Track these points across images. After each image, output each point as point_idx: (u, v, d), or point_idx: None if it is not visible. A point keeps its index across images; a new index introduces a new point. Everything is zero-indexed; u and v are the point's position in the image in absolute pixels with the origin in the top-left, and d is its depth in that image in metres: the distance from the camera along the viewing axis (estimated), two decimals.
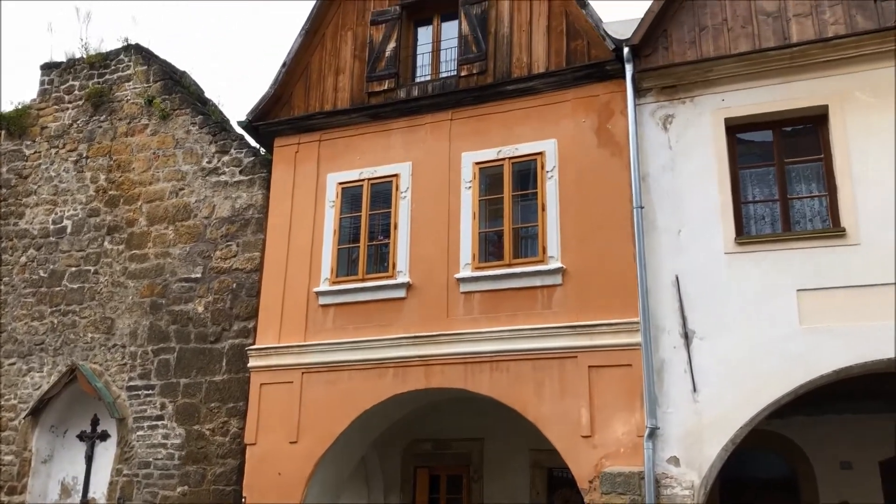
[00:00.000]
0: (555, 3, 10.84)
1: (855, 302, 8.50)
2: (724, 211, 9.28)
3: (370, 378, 10.24)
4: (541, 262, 9.92)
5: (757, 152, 9.88)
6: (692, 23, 10.04)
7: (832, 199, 9.06)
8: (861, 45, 9.17)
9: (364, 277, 10.71)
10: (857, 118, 9.04)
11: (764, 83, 9.55)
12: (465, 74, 11.01)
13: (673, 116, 9.87)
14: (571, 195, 10.01)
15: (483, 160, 10.58)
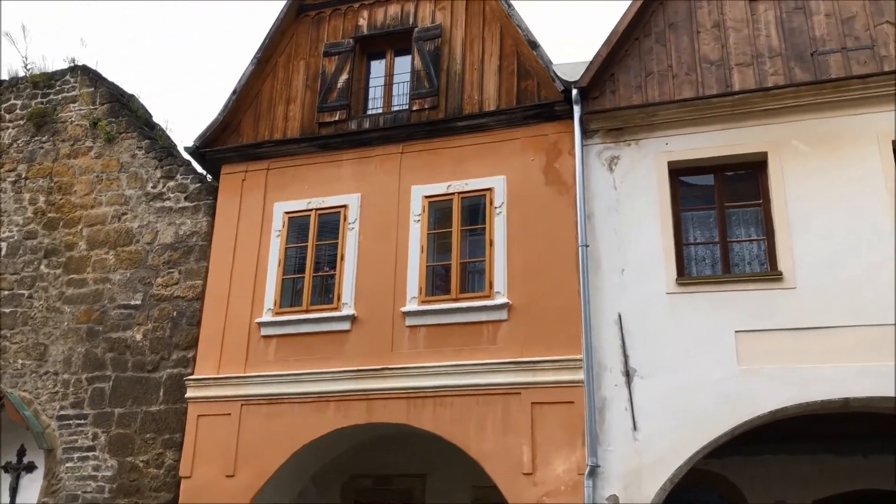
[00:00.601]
0: (507, 44, 11.04)
1: (791, 344, 8.70)
2: (667, 252, 9.45)
3: (311, 411, 10.07)
4: (487, 297, 9.95)
5: (699, 195, 10.13)
6: (639, 68, 10.31)
7: (770, 243, 9.31)
8: (799, 96, 9.52)
9: (308, 309, 10.59)
10: (794, 166, 9.34)
11: (706, 129, 9.82)
12: (417, 109, 11.09)
13: (618, 158, 10.07)
14: (519, 231, 10.10)
15: (433, 194, 10.62)
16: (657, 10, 10.54)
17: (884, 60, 9.35)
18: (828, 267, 8.84)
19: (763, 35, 9.98)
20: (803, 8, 9.95)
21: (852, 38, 9.59)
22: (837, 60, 9.53)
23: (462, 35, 11.36)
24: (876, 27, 9.56)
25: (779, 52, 9.81)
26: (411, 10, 11.76)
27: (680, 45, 10.28)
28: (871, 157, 9.09)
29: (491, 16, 11.31)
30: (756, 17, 10.11)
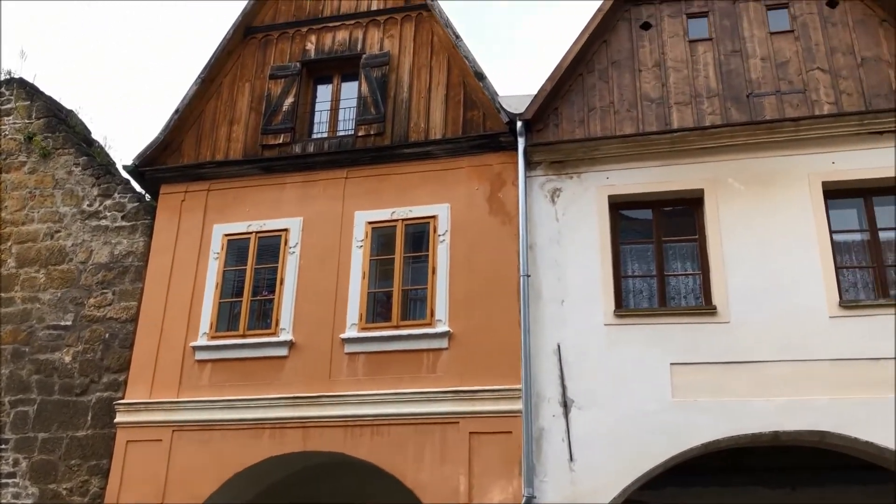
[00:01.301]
0: (454, 74, 11.14)
1: (723, 378, 8.88)
2: (605, 284, 9.58)
3: (245, 439, 9.85)
4: (428, 325, 9.92)
5: (638, 229, 10.32)
6: (582, 103, 10.51)
7: (705, 277, 9.52)
8: (735, 136, 9.81)
9: (245, 333, 10.40)
10: (729, 203, 9.60)
11: (646, 164, 10.05)
12: (363, 134, 11.08)
13: (561, 190, 10.21)
14: (462, 260, 10.12)
15: (376, 220, 10.59)
16: (600, 47, 10.79)
17: (815, 105, 9.73)
18: (760, 302, 9.07)
19: (702, 76, 10.29)
20: (740, 51, 10.30)
21: (786, 83, 9.96)
22: (772, 103, 9.87)
23: (410, 63, 11.43)
24: (808, 72, 9.95)
25: (716, 92, 10.12)
26: (360, 37, 11.81)
27: (622, 82, 10.52)
28: (802, 197, 9.41)
29: (439, 46, 11.42)
30: (695, 58, 10.43)
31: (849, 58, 9.92)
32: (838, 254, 9.32)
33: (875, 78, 9.71)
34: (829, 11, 10.27)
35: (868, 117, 9.44)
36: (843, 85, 9.77)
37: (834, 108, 9.66)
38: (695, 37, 10.59)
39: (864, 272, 9.34)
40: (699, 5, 10.76)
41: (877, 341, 8.68)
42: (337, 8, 12.15)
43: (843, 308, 8.88)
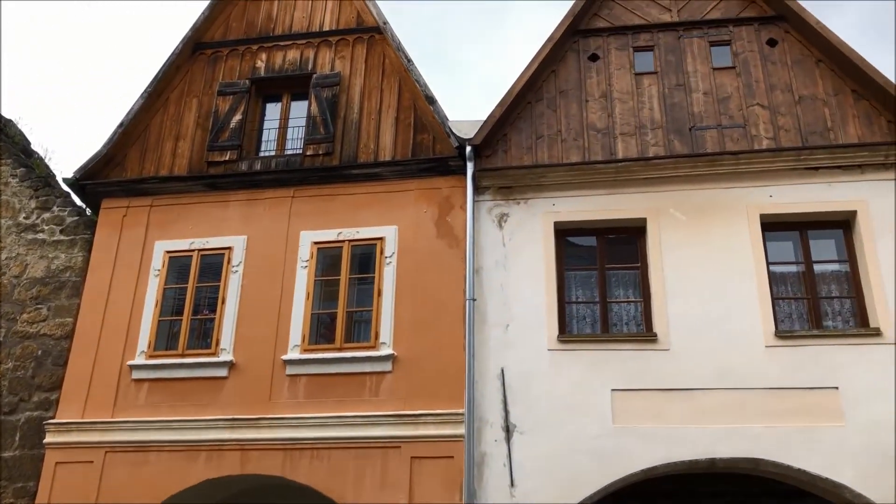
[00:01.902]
0: (405, 97, 11.19)
1: (663, 404, 9.00)
2: (550, 309, 9.66)
3: (180, 461, 9.59)
4: (372, 347, 9.85)
5: (582, 256, 10.45)
6: (530, 131, 10.65)
7: (646, 305, 9.68)
8: (677, 167, 10.04)
9: (184, 353, 10.18)
10: (670, 232, 9.80)
11: (591, 193, 10.20)
12: (311, 154, 11.02)
13: (508, 215, 10.29)
14: (408, 282, 10.10)
15: (322, 240, 10.51)
16: (549, 77, 10.97)
17: (754, 139, 10.02)
18: (699, 331, 9.24)
19: (646, 108, 10.52)
20: (684, 85, 10.57)
21: (727, 117, 10.25)
22: (713, 136, 10.14)
23: (361, 85, 11.44)
24: (748, 108, 10.25)
25: (660, 124, 10.36)
26: (311, 57, 11.79)
27: (569, 111, 10.70)
28: (741, 229, 9.65)
29: (391, 69, 11.46)
30: (641, 90, 10.67)
31: (787, 95, 10.26)
32: (775, 285, 9.57)
33: (811, 115, 10.06)
34: (769, 50, 10.63)
35: (804, 153, 9.76)
36: (781, 121, 10.09)
37: (772, 143, 9.96)
38: (640, 70, 10.84)
39: (798, 303, 9.60)
40: (645, 39, 11.03)
41: (810, 371, 8.91)
42: (289, 27, 12.13)
43: (778, 338, 9.10)
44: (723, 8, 11.02)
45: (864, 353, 8.90)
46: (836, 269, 9.73)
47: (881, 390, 8.69)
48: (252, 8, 12.42)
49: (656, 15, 11.16)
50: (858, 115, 9.96)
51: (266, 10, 12.36)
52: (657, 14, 11.16)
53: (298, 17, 12.19)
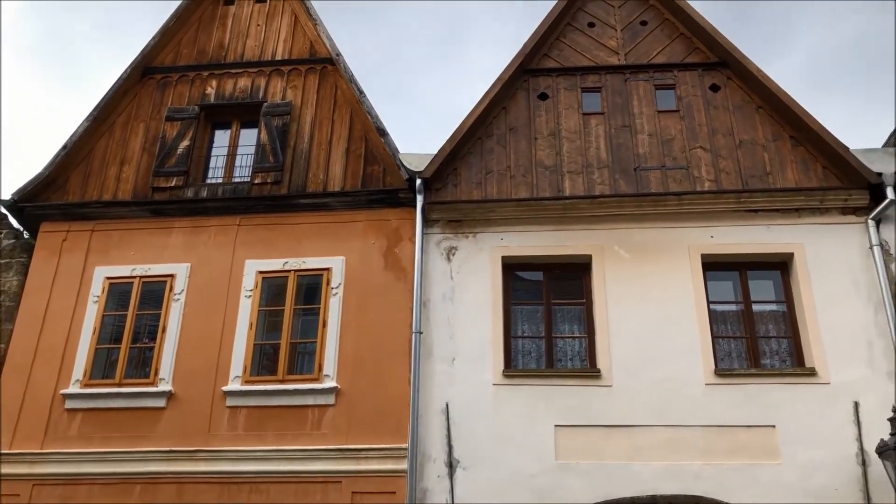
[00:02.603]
0: (356, 129, 11.21)
1: (605, 441, 9.05)
2: (496, 343, 9.68)
3: (113, 494, 9.26)
4: (315, 380, 9.71)
5: (529, 290, 10.52)
6: (480, 165, 10.75)
7: (590, 341, 9.76)
8: (622, 206, 10.22)
9: (121, 382, 9.90)
10: (614, 269, 9.94)
11: (539, 228, 10.31)
12: (259, 182, 10.94)
13: (456, 249, 10.33)
14: (354, 314, 10.02)
15: (268, 270, 10.39)
16: (499, 114, 11.12)
17: (696, 181, 10.28)
18: (641, 367, 9.35)
19: (593, 147, 10.73)
20: (630, 126, 10.82)
21: (670, 158, 10.50)
22: (657, 177, 10.37)
23: (312, 115, 11.43)
24: (691, 150, 10.53)
25: (606, 163, 10.56)
26: (262, 85, 11.75)
27: (519, 148, 10.84)
28: (683, 268, 9.84)
29: (342, 100, 11.49)
30: (588, 130, 10.88)
31: (728, 139, 10.57)
32: (715, 323, 9.75)
33: (751, 159, 10.37)
34: (711, 95, 10.96)
35: (744, 196, 10.04)
36: (722, 164, 10.38)
37: (714, 185, 10.23)
38: (588, 110, 11.06)
39: (738, 342, 9.79)
40: (593, 81, 11.28)
41: (748, 409, 9.07)
42: (240, 55, 12.10)
43: (718, 376, 9.26)
44: (668, 53, 11.35)
45: (801, 392, 9.11)
46: (774, 309, 9.97)
47: (816, 429, 8.88)
48: (204, 35, 12.38)
49: (604, 57, 11.43)
50: (796, 160, 10.30)
51: (218, 37, 12.33)
52: (605, 56, 11.44)
53: (251, 45, 12.18)
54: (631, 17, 11.74)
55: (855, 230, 9.83)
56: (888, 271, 9.50)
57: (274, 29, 12.28)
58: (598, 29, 11.70)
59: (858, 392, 9.00)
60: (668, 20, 11.57)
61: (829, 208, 9.97)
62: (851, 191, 9.91)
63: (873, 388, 9.00)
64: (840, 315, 9.38)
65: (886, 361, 9.11)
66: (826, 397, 9.03)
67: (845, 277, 9.59)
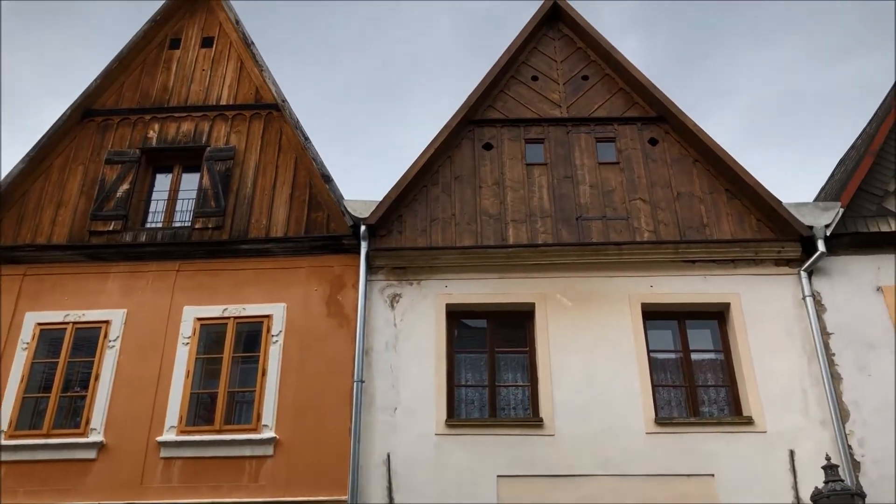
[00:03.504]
0: (300, 174, 11.18)
1: (547, 491, 8.99)
2: (439, 392, 9.61)
3: None
4: (254, 430, 9.48)
5: (473, 338, 10.51)
6: (425, 213, 10.80)
7: (533, 390, 9.77)
8: (564, 255, 10.35)
9: (49, 433, 9.50)
10: (557, 318, 10.01)
11: (483, 276, 10.36)
12: (200, 227, 10.79)
13: (400, 296, 10.29)
14: (295, 363, 9.86)
15: (206, 316, 10.18)
16: (445, 162, 11.23)
17: (636, 231, 10.49)
18: (583, 417, 9.38)
19: (537, 197, 10.89)
20: (572, 177, 11.02)
21: (611, 209, 10.71)
22: (598, 227, 10.55)
23: (256, 160, 11.38)
24: (631, 202, 10.76)
25: (549, 213, 10.71)
26: (206, 129, 11.67)
27: (464, 196, 10.94)
28: (624, 317, 9.97)
29: (287, 145, 11.47)
30: (532, 180, 11.05)
31: (666, 191, 10.85)
32: (655, 372, 9.87)
33: (688, 211, 10.65)
34: (650, 148, 11.27)
35: (682, 246, 10.28)
36: (661, 215, 10.63)
37: (653, 235, 10.46)
38: (532, 161, 11.25)
39: (677, 391, 9.91)
40: (537, 132, 11.50)
41: (688, 458, 9.14)
42: (185, 99, 12.02)
43: (658, 425, 9.34)
44: (608, 107, 11.66)
45: (738, 440, 9.23)
46: (711, 357, 10.15)
47: (754, 478, 8.98)
48: (147, 78, 12.29)
49: (547, 110, 11.69)
50: (731, 213, 10.61)
51: (162, 81, 12.25)
52: (548, 109, 11.70)
53: (195, 90, 12.12)
54: (573, 72, 12.05)
55: (788, 281, 10.13)
56: (820, 322, 9.78)
57: (219, 74, 12.26)
58: (542, 82, 11.98)
59: (794, 440, 9.17)
60: (609, 75, 11.91)
61: (764, 260, 10.25)
62: (784, 243, 10.22)
63: (808, 437, 9.18)
64: (775, 364, 9.60)
65: (820, 410, 9.32)
66: (763, 446, 9.17)
67: (780, 327, 9.83)
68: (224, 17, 12.74)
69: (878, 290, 9.94)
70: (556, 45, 12.38)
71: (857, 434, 9.14)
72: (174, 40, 12.73)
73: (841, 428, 9.11)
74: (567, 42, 12.37)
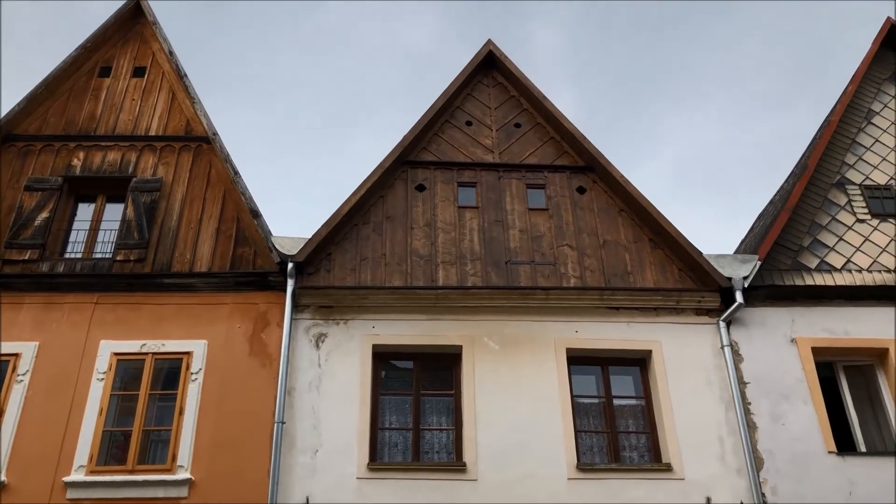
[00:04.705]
0: (228, 209, 11.01)
1: None
2: (361, 435, 9.46)
3: None
4: (168, 470, 9.14)
5: (399, 380, 10.42)
6: (355, 252, 10.74)
7: (458, 434, 9.70)
8: (493, 298, 10.41)
9: None
10: (483, 361, 10.02)
11: (411, 317, 10.32)
12: (122, 259, 10.48)
13: (326, 336, 10.15)
14: (214, 401, 9.58)
15: (123, 351, 9.85)
16: (377, 202, 11.23)
17: (563, 277, 10.64)
18: (506, 461, 9.35)
19: (467, 239, 10.96)
20: (502, 222, 11.15)
21: (539, 254, 10.85)
22: (526, 271, 10.67)
23: (183, 192, 11.17)
24: (558, 248, 10.93)
25: (479, 256, 10.79)
26: (132, 160, 11.43)
27: (395, 237, 10.93)
28: (549, 361, 10.05)
29: (216, 179, 11.30)
30: (463, 223, 11.13)
31: (593, 238, 11.06)
32: (578, 417, 9.94)
33: (614, 259, 10.87)
34: (578, 197, 11.50)
35: (606, 293, 10.46)
36: (587, 262, 10.82)
37: (579, 281, 10.62)
38: (464, 204, 11.35)
39: (599, 436, 9.99)
40: (469, 176, 11.63)
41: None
42: (112, 128, 11.77)
43: (580, 471, 9.37)
44: (539, 155, 11.89)
45: (657, 487, 9.33)
46: (633, 404, 10.29)
47: None
48: (74, 105, 12.01)
49: (480, 155, 11.85)
50: (654, 262, 10.88)
51: (90, 109, 11.98)
52: (481, 154, 11.86)
53: (124, 119, 11.89)
54: (506, 119, 12.28)
55: (708, 330, 10.39)
56: (737, 371, 10.03)
57: (150, 104, 12.06)
58: (475, 127, 12.15)
59: (711, 488, 9.32)
60: (540, 124, 12.17)
61: (685, 309, 10.51)
62: (704, 293, 10.51)
63: (724, 484, 9.34)
64: (694, 412, 9.78)
65: (736, 458, 9.51)
66: (681, 493, 9.28)
67: (699, 375, 10.05)
68: (157, 47, 12.58)
69: (793, 342, 10.28)
70: (490, 91, 12.61)
71: (771, 482, 9.35)
72: (104, 68, 12.50)
73: (756, 476, 9.32)
74: (501, 90, 12.61)
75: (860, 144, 12.24)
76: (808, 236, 11.15)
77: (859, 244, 11.08)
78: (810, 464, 9.44)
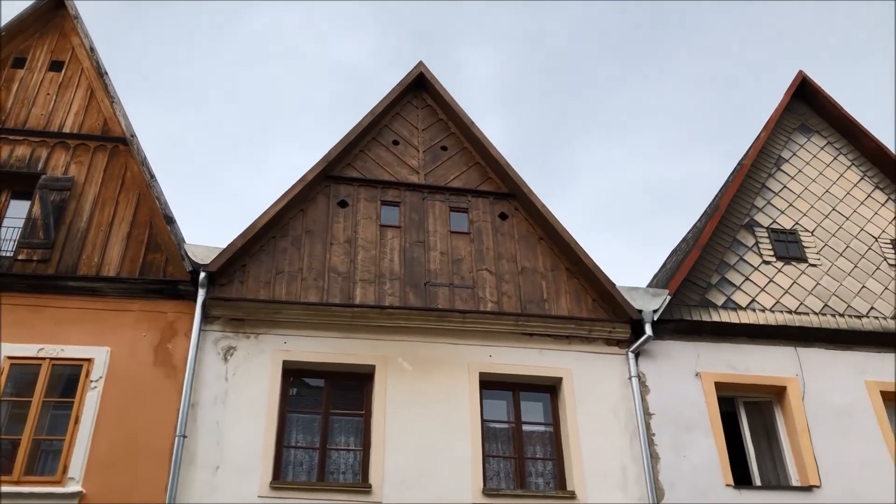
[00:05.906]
0: (142, 213, 10.68)
1: None
2: (266, 453, 9.24)
3: None
4: (58, 483, 8.71)
5: (309, 398, 10.23)
6: (271, 265, 10.54)
7: (365, 454, 9.57)
8: (410, 318, 10.36)
9: None
10: (396, 382, 9.95)
11: (325, 334, 10.17)
12: (24, 259, 10.01)
13: (235, 349, 9.91)
14: (114, 412, 9.20)
15: (18, 355, 9.37)
16: (297, 215, 11.07)
17: (480, 301, 10.69)
18: (413, 484, 9.27)
19: (388, 258, 10.90)
20: (424, 243, 11.15)
21: (459, 277, 10.88)
22: (445, 293, 10.68)
23: (95, 194, 10.77)
24: (478, 271, 10.99)
25: (398, 276, 10.74)
26: (43, 156, 10.97)
27: (313, 251, 10.78)
28: (462, 385, 10.05)
29: (131, 182, 10.95)
30: (384, 241, 11.08)
31: (512, 265, 11.17)
32: (488, 441, 9.96)
33: (531, 286, 10.99)
34: (500, 223, 11.61)
35: (522, 319, 10.55)
36: (505, 287, 10.90)
37: (496, 306, 10.68)
38: (386, 222, 11.30)
39: (507, 461, 10.01)
40: (393, 195, 11.59)
41: None
42: (23, 121, 11.29)
43: (486, 496, 9.36)
44: (464, 179, 11.97)
45: None
46: (542, 430, 10.37)
47: None
48: None
49: (405, 174, 11.84)
50: (570, 291, 11.04)
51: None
52: (406, 174, 11.85)
53: (36, 113, 11.41)
54: (433, 141, 12.32)
55: (617, 361, 10.59)
56: (644, 402, 10.25)
57: (66, 100, 11.62)
58: (402, 147, 12.15)
59: None
60: (467, 149, 12.26)
61: (596, 338, 10.69)
62: (616, 324, 10.72)
63: None
64: (599, 441, 9.92)
65: (638, 488, 9.68)
66: None
67: (606, 405, 10.21)
68: (78, 42, 12.16)
69: (697, 376, 10.57)
70: (419, 113, 12.65)
71: None
72: (19, 59, 11.99)
73: None
74: (430, 112, 12.66)
75: (769, 189, 12.79)
76: (717, 274, 11.53)
77: (764, 284, 11.53)
78: (709, 495, 9.68)
